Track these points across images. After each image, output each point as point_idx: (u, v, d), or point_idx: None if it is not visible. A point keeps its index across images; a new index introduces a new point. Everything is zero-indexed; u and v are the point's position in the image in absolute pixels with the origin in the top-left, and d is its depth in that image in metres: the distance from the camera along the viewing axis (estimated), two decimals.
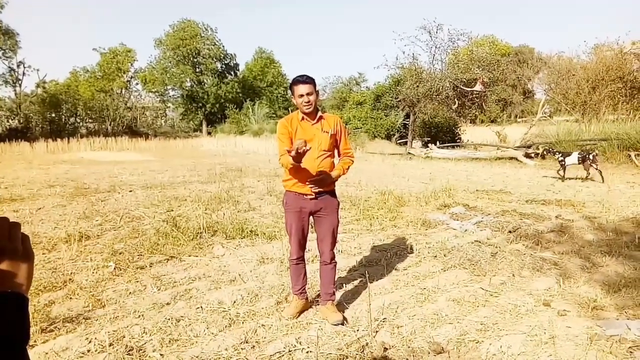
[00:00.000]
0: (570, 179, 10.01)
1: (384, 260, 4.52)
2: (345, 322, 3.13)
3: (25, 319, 0.68)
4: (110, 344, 2.80)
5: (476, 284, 3.81)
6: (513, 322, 3.10)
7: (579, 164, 9.89)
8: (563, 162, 10.01)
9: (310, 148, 2.71)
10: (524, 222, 5.93)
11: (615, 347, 2.71)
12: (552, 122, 20.16)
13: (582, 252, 4.65)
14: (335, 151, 3.18)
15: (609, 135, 13.17)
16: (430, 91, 18.85)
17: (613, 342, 2.77)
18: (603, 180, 9.34)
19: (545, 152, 10.85)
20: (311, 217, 3.15)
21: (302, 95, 2.91)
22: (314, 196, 3.03)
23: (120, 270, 4.20)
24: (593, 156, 9.69)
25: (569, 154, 10.10)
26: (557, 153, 10.40)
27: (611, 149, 12.58)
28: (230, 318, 3.20)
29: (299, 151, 2.61)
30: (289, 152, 2.68)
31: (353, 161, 3.19)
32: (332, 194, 3.14)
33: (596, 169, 9.63)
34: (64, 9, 74.79)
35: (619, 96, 18.50)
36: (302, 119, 3.02)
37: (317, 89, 2.98)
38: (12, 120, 30.19)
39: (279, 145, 3.01)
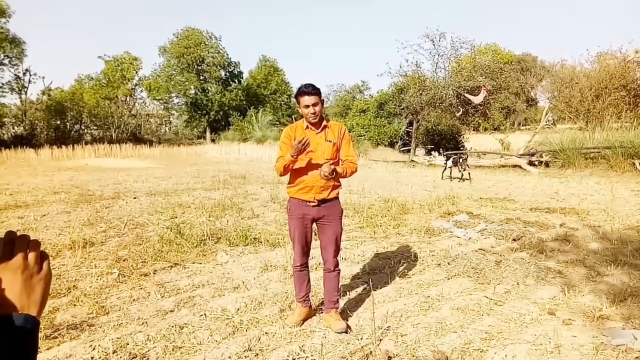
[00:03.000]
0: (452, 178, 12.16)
1: (387, 268, 4.51)
2: (349, 330, 3.12)
3: (33, 344, 0.64)
4: (114, 351, 2.80)
5: (480, 293, 3.80)
6: (518, 331, 3.08)
7: (454, 166, 12.00)
8: (445, 164, 12.28)
9: (310, 143, 2.83)
10: (528, 230, 5.91)
11: (622, 357, 2.69)
12: (555, 130, 20.14)
13: (587, 261, 4.63)
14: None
15: (613, 143, 13.13)
16: (434, 99, 18.88)
17: (619, 352, 2.74)
18: (470, 180, 11.50)
19: (441, 153, 14.23)
20: (315, 224, 3.16)
21: (307, 107, 2.93)
22: (316, 203, 3.03)
23: (124, 277, 4.21)
24: (462, 160, 11.85)
25: (449, 157, 12.46)
26: (444, 156, 12.80)
27: (615, 157, 12.55)
28: (233, 325, 3.19)
29: (300, 144, 2.75)
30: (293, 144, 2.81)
31: (356, 168, 3.12)
32: (335, 201, 3.15)
33: (462, 170, 11.84)
34: (70, 18, 75.71)
35: (622, 104, 18.49)
36: (307, 127, 3.04)
37: (322, 99, 3.00)
38: (17, 127, 30.47)
39: (278, 151, 3.04)
